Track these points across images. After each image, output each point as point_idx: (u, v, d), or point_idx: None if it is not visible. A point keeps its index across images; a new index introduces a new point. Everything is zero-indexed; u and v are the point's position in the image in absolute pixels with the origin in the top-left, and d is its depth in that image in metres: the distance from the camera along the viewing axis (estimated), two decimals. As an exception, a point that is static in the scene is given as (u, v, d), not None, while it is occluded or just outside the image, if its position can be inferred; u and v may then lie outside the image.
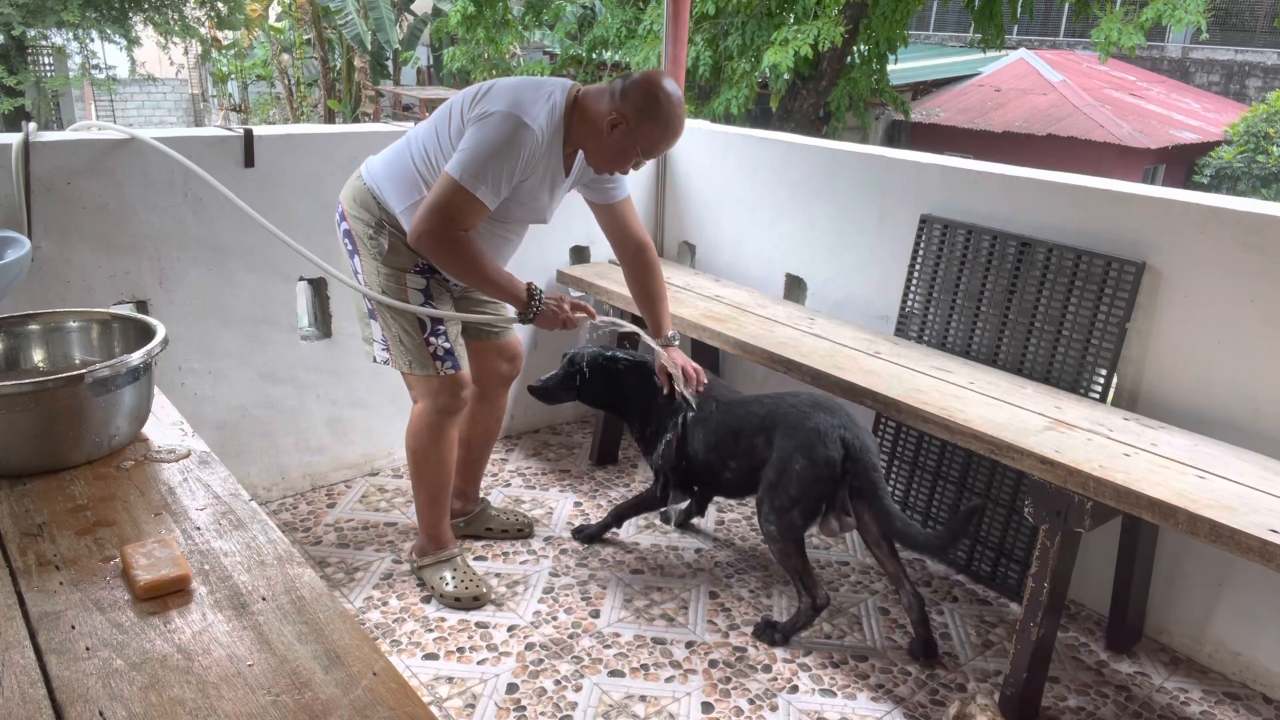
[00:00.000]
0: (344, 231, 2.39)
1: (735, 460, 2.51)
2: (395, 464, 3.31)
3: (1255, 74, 17.42)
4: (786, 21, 9.44)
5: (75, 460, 1.46)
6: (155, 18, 14.99)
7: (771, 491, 2.38)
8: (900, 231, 2.96)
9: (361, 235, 2.34)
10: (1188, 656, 2.50)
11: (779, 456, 2.37)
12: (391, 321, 2.36)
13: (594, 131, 2.22)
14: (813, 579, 2.43)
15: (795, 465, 2.33)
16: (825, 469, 2.31)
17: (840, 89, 10.36)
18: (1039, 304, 2.62)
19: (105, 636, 1.09)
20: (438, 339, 2.37)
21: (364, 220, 2.33)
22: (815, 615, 2.45)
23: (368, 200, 2.32)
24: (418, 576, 2.63)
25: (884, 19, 9.65)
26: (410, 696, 1.02)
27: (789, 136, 3.47)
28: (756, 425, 2.45)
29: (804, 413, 2.37)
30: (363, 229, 2.33)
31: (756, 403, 2.51)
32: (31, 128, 2.45)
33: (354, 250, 2.38)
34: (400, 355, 2.39)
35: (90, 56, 15.63)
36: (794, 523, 2.36)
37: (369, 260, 2.34)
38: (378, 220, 2.31)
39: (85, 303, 2.52)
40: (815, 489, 2.34)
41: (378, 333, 2.43)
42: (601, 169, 2.31)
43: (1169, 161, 14.29)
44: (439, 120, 2.27)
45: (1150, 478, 1.97)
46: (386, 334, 2.39)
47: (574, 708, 2.19)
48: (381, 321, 2.39)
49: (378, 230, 2.31)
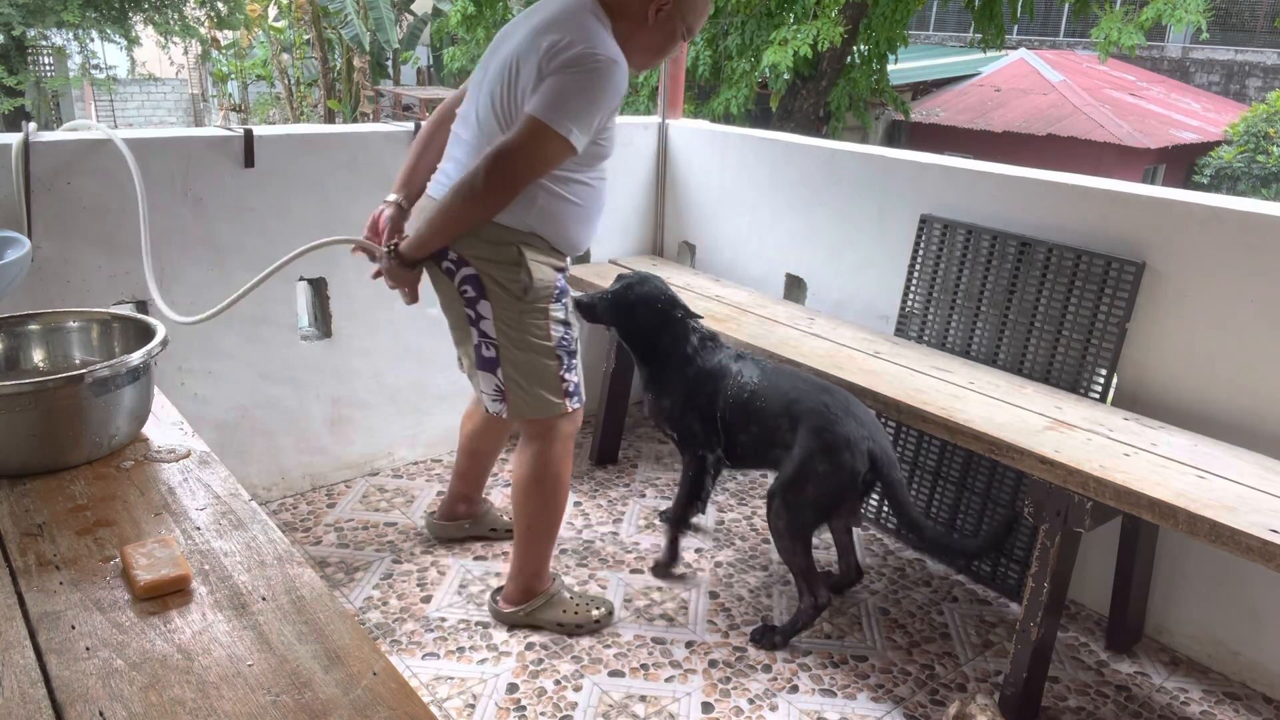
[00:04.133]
0: (465, 278, 2.13)
1: (757, 426, 2.45)
2: (395, 464, 3.31)
3: (1255, 74, 17.42)
4: (786, 21, 9.43)
5: (75, 460, 1.46)
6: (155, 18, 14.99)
7: (787, 487, 2.35)
8: (900, 231, 2.96)
9: (496, 275, 2.10)
10: (1188, 656, 2.50)
11: (802, 455, 2.32)
12: (522, 358, 2.17)
13: (636, 27, 2.08)
14: (816, 577, 2.42)
15: (818, 468, 2.29)
16: (848, 479, 2.28)
17: (840, 89, 10.35)
18: (1039, 304, 2.62)
19: (105, 636, 1.09)
20: (571, 373, 2.24)
21: (497, 258, 2.10)
22: (816, 615, 2.44)
23: (493, 232, 2.08)
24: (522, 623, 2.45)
25: (884, 19, 9.65)
26: (410, 696, 1.02)
27: (789, 136, 3.47)
28: (784, 406, 2.39)
29: (836, 416, 2.30)
30: (497, 269, 2.10)
31: (789, 379, 2.44)
32: (31, 128, 2.45)
33: (478, 296, 2.13)
34: (523, 401, 2.20)
35: (90, 56, 15.63)
36: (805, 521, 2.35)
37: (504, 302, 2.12)
38: (517, 250, 2.10)
39: (85, 303, 2.52)
40: (833, 495, 2.32)
41: (487, 384, 2.23)
42: (645, 65, 2.17)
43: (1169, 161, 14.29)
44: (496, 104, 2.05)
45: (1150, 478, 1.97)
46: (506, 382, 2.19)
47: (574, 708, 2.19)
48: (508, 367, 2.18)
49: (518, 263, 2.10)
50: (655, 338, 2.58)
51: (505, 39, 2.14)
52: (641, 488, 3.24)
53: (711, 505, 3.14)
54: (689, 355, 2.54)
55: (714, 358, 2.54)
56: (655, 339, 2.58)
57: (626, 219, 3.68)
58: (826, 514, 2.38)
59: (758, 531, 3.01)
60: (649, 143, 3.66)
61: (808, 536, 2.38)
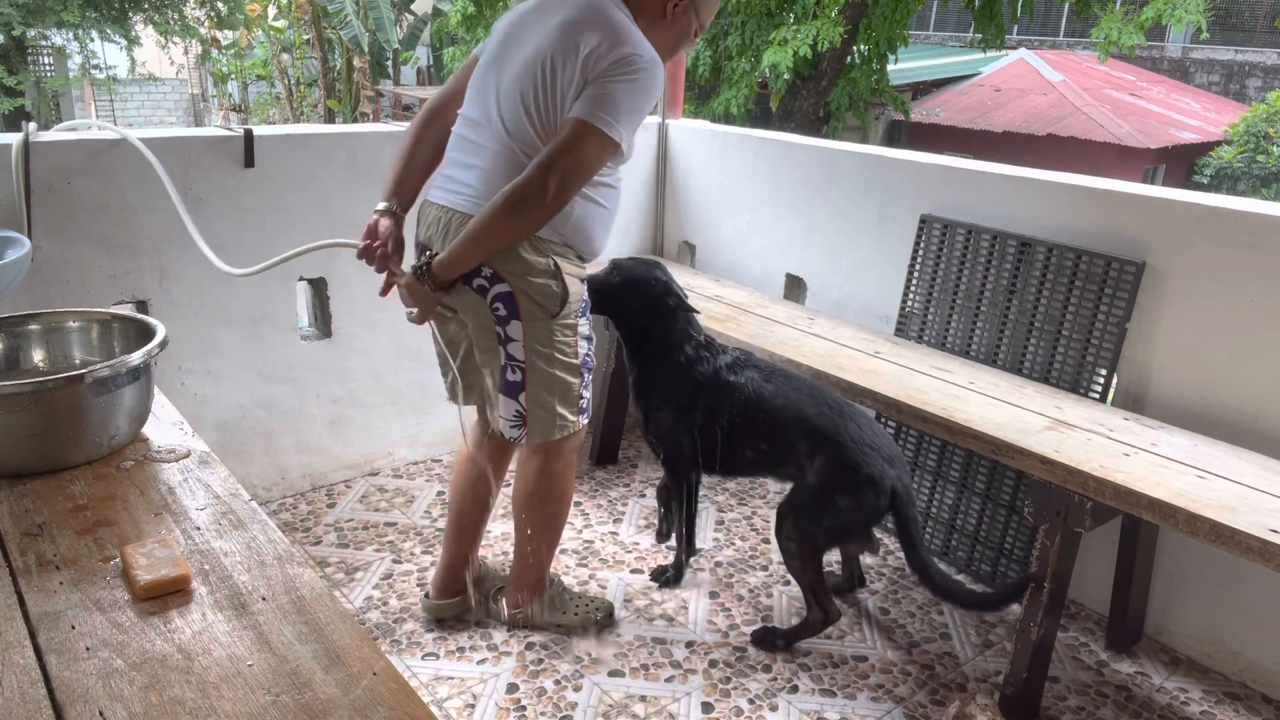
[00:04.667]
0: (498, 295, 2.00)
1: (768, 444, 2.35)
2: (395, 464, 3.31)
3: (1255, 74, 17.42)
4: (786, 21, 9.43)
5: (75, 460, 1.46)
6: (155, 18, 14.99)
7: (802, 513, 2.29)
8: (900, 231, 2.96)
9: (531, 292, 2.00)
10: (1188, 656, 2.50)
11: (822, 484, 2.25)
12: (551, 375, 2.07)
13: (653, 23, 2.03)
14: (826, 594, 2.39)
15: (840, 503, 2.24)
16: (871, 515, 2.26)
17: (840, 89, 10.35)
18: (1039, 304, 2.62)
19: (105, 636, 1.09)
20: (587, 389, 2.17)
21: (531, 272, 1.99)
22: (824, 629, 2.43)
23: (531, 245, 1.98)
24: (530, 624, 2.43)
25: (884, 19, 9.64)
26: (410, 696, 1.02)
27: (789, 136, 3.47)
28: (804, 428, 2.28)
29: (863, 453, 2.22)
30: (532, 284, 1.99)
31: (809, 397, 2.32)
32: (31, 128, 2.45)
33: (510, 315, 2.01)
34: (544, 424, 2.12)
35: (90, 56, 15.63)
36: (817, 545, 2.32)
37: (537, 320, 2.02)
38: (554, 263, 2.01)
39: (85, 303, 2.52)
40: (852, 528, 2.32)
41: (507, 409, 2.12)
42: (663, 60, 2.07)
43: (1169, 161, 14.29)
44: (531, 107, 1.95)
45: (1150, 478, 1.97)
46: (530, 405, 2.09)
47: (574, 708, 2.19)
48: (535, 389, 2.07)
49: (554, 276, 2.01)
50: (643, 330, 2.43)
51: (520, 35, 2.03)
52: (641, 488, 3.24)
53: (712, 505, 3.14)
54: (684, 361, 2.39)
55: (712, 366, 2.39)
56: (643, 332, 2.43)
57: (627, 219, 3.68)
58: (840, 541, 2.37)
59: (758, 531, 3.01)
60: (649, 143, 3.66)
61: (819, 557, 2.35)
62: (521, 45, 2.00)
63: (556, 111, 1.93)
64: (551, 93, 1.93)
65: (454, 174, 2.05)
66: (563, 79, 1.92)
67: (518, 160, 1.95)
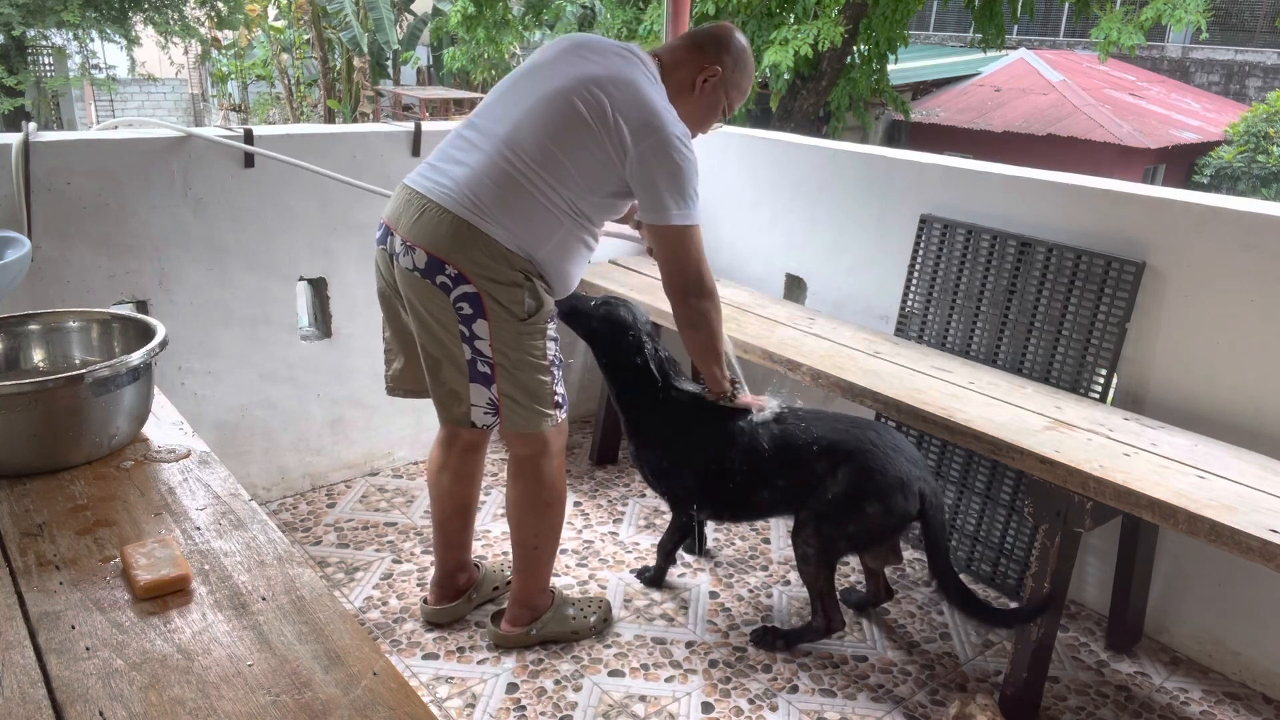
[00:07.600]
0: (463, 295, 2.00)
1: (784, 480, 2.31)
2: (395, 464, 3.31)
3: (1255, 74, 17.42)
4: (786, 21, 9.43)
5: (75, 460, 1.46)
6: (155, 18, 15.00)
7: (824, 519, 2.26)
8: (900, 231, 2.96)
9: (497, 294, 2.00)
10: (1188, 656, 2.50)
11: (848, 493, 2.22)
12: (521, 377, 2.08)
13: (680, 94, 2.11)
14: (835, 603, 2.39)
15: (868, 509, 2.21)
16: (899, 520, 2.23)
17: (840, 89, 10.35)
18: (1039, 304, 2.62)
19: (105, 636, 1.09)
20: (560, 385, 2.17)
21: (500, 278, 2.00)
22: (826, 636, 2.42)
23: (498, 251, 1.99)
24: (538, 640, 2.39)
25: (884, 19, 9.64)
26: (410, 696, 1.02)
27: (789, 136, 3.47)
28: (821, 448, 2.26)
29: (887, 455, 2.22)
30: (499, 288, 2.00)
31: (818, 422, 2.31)
32: (31, 128, 2.45)
33: (476, 314, 2.02)
34: (518, 415, 2.11)
35: (90, 56, 15.65)
36: (837, 551, 2.31)
37: (505, 323, 2.02)
38: (522, 272, 2.02)
39: (85, 303, 2.52)
40: (879, 534, 2.29)
41: (479, 396, 2.12)
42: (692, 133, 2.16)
43: (1169, 161, 14.29)
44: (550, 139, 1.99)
45: (1150, 478, 1.97)
46: (501, 398, 2.10)
47: (574, 708, 2.19)
48: (505, 384, 2.08)
49: (523, 285, 2.02)
50: (622, 377, 2.42)
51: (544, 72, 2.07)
52: (641, 487, 3.24)
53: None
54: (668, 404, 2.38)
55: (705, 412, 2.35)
56: (623, 378, 2.42)
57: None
58: (862, 549, 2.36)
59: (758, 531, 3.01)
60: (649, 143, 3.65)
61: (834, 565, 2.35)
62: (548, 82, 2.04)
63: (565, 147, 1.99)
64: (578, 137, 1.99)
65: (442, 166, 2.06)
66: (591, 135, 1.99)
67: (503, 168, 1.99)
